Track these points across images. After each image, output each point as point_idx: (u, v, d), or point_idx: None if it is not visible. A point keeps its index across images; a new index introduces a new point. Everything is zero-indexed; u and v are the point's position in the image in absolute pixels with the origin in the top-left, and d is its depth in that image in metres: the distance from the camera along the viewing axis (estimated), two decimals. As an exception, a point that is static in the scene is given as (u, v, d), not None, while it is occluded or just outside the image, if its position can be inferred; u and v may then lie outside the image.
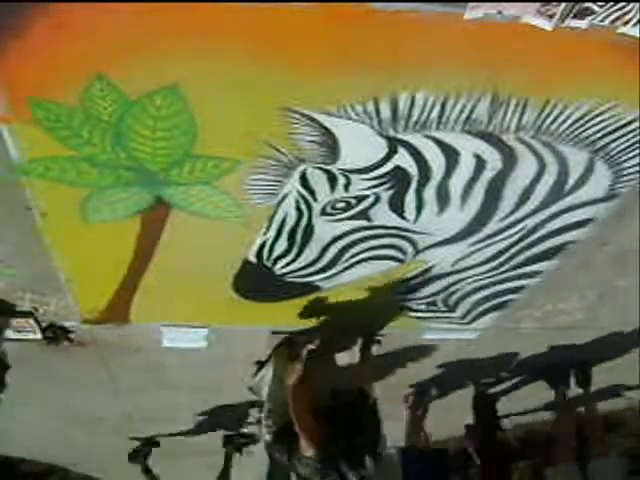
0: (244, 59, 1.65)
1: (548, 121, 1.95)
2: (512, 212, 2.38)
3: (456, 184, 2.20)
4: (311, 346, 2.74)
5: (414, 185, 2.18)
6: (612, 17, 1.59)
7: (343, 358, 3.18)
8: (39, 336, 3.06)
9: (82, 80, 1.67)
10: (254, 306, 2.86)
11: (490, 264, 2.73)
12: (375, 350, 3.24)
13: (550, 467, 3.76)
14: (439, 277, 2.81)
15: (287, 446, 2.67)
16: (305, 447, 2.51)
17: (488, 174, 2.16)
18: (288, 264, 2.58)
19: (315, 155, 2.00)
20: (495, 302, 3.07)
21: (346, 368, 3.15)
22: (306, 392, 2.64)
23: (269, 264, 2.57)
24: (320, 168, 2.06)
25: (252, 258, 2.53)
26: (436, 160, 2.07)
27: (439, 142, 2.00)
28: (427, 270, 2.74)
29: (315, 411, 2.60)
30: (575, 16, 1.57)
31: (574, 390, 3.90)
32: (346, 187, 2.16)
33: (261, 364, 3.32)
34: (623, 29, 1.62)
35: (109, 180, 2.02)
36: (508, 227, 2.47)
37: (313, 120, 1.85)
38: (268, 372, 3.16)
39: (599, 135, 2.03)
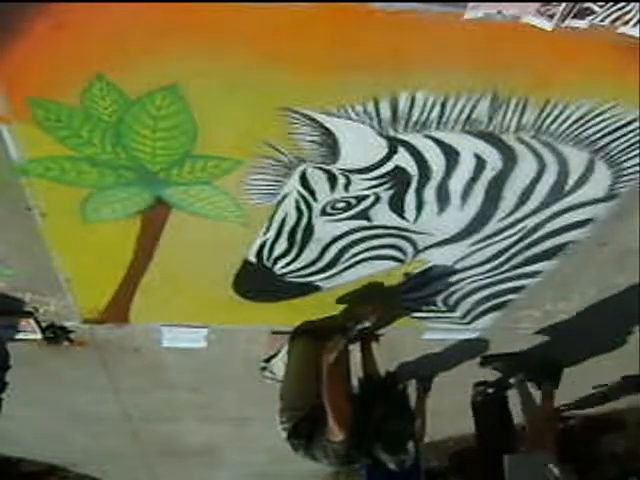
0: (244, 59, 1.65)
1: (548, 121, 1.95)
2: (512, 212, 2.38)
3: (456, 184, 2.20)
4: (366, 324, 2.71)
5: (414, 185, 2.18)
6: (612, 17, 1.59)
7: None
8: (39, 336, 3.06)
9: (82, 80, 1.67)
10: (254, 306, 2.86)
11: (490, 264, 2.73)
12: (375, 347, 3.24)
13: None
14: (439, 277, 2.81)
15: (305, 440, 2.65)
16: (334, 432, 2.43)
17: (488, 174, 2.16)
18: (288, 264, 2.58)
19: (315, 155, 2.00)
20: (495, 302, 3.07)
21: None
22: (340, 373, 2.59)
23: (269, 264, 2.57)
24: (320, 168, 2.06)
25: (252, 258, 2.53)
26: (436, 160, 2.07)
27: (439, 142, 2.00)
28: (427, 270, 2.74)
29: (349, 397, 2.55)
30: (575, 16, 1.58)
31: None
32: (346, 187, 2.16)
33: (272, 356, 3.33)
34: (623, 29, 1.62)
35: (109, 180, 2.02)
36: (508, 227, 2.47)
37: (313, 120, 1.85)
38: (279, 359, 3.15)
39: (599, 135, 2.03)
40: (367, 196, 2.22)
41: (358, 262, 2.61)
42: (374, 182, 2.15)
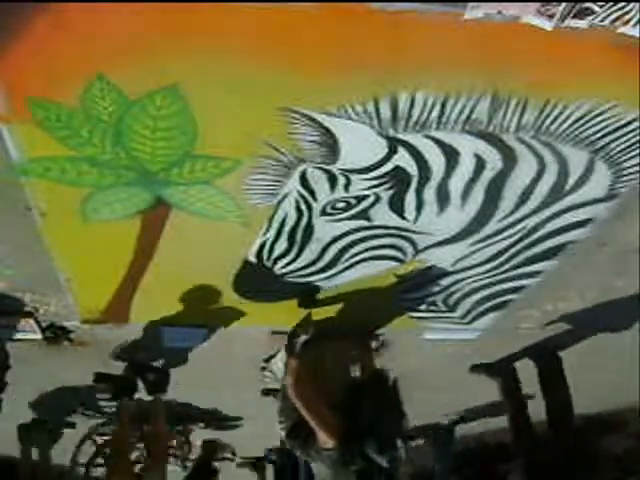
0: (244, 59, 1.65)
1: (548, 121, 1.95)
2: (512, 212, 2.38)
3: (456, 184, 2.20)
4: (305, 337, 2.69)
5: (414, 185, 2.18)
6: (612, 17, 1.59)
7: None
8: (39, 336, 3.06)
9: (82, 80, 1.67)
10: (254, 306, 2.86)
11: (490, 264, 2.73)
12: (374, 347, 3.25)
13: None
14: (439, 277, 2.81)
15: (302, 441, 2.66)
16: (324, 440, 2.45)
17: (488, 174, 2.16)
18: (288, 264, 2.58)
19: (315, 155, 2.00)
20: (495, 302, 3.07)
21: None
22: (312, 385, 2.59)
23: (269, 264, 2.57)
24: (320, 168, 2.06)
25: (252, 258, 2.53)
26: (436, 160, 2.07)
27: (439, 142, 2.00)
28: (427, 270, 2.74)
29: (332, 404, 2.55)
30: (575, 16, 1.58)
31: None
32: (346, 187, 2.16)
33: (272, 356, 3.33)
34: (623, 29, 1.62)
35: (109, 180, 2.02)
36: (508, 227, 2.47)
37: (313, 120, 1.85)
38: (279, 359, 3.15)
39: (599, 135, 2.03)
40: (367, 196, 2.22)
41: (358, 262, 2.61)
42: (374, 182, 2.15)
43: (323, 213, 2.28)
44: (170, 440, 4.23)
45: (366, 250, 2.53)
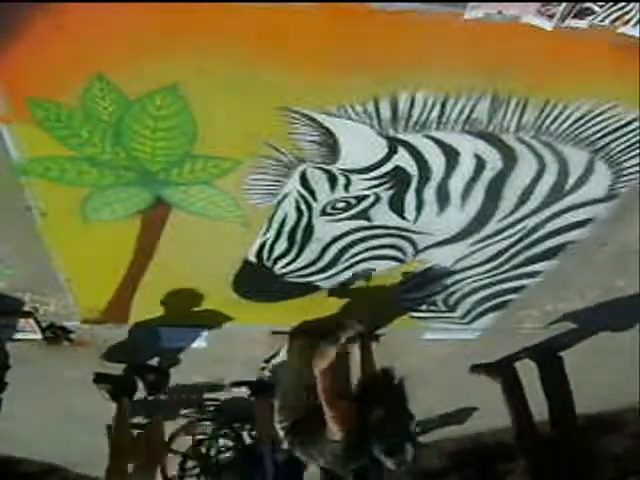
0: (244, 59, 1.65)
1: (548, 121, 1.95)
2: (512, 212, 2.38)
3: (456, 184, 2.20)
4: (359, 329, 2.70)
5: (414, 185, 2.18)
6: (612, 17, 1.59)
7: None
8: (39, 336, 3.06)
9: (82, 80, 1.67)
10: (254, 306, 2.86)
11: (490, 264, 2.73)
12: (374, 347, 3.24)
13: None
14: (439, 277, 2.81)
15: (302, 438, 2.66)
16: (333, 431, 2.45)
17: (488, 174, 2.17)
18: (288, 264, 2.58)
19: (315, 155, 2.00)
20: (495, 302, 3.07)
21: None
22: (336, 375, 2.59)
23: (269, 264, 2.57)
24: (320, 168, 2.06)
25: (252, 258, 2.53)
26: (436, 160, 2.07)
27: (439, 142, 2.00)
28: (427, 270, 2.74)
29: (345, 397, 2.56)
30: (575, 16, 1.58)
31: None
32: (346, 187, 2.16)
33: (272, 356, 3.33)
34: (623, 29, 1.62)
35: (109, 180, 2.02)
36: (508, 227, 2.47)
37: (313, 120, 1.85)
38: (279, 359, 3.16)
39: (599, 135, 2.03)
40: (367, 196, 2.22)
41: (358, 262, 2.61)
42: (374, 182, 2.15)
43: (323, 213, 2.28)
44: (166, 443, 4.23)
45: (366, 250, 2.53)
